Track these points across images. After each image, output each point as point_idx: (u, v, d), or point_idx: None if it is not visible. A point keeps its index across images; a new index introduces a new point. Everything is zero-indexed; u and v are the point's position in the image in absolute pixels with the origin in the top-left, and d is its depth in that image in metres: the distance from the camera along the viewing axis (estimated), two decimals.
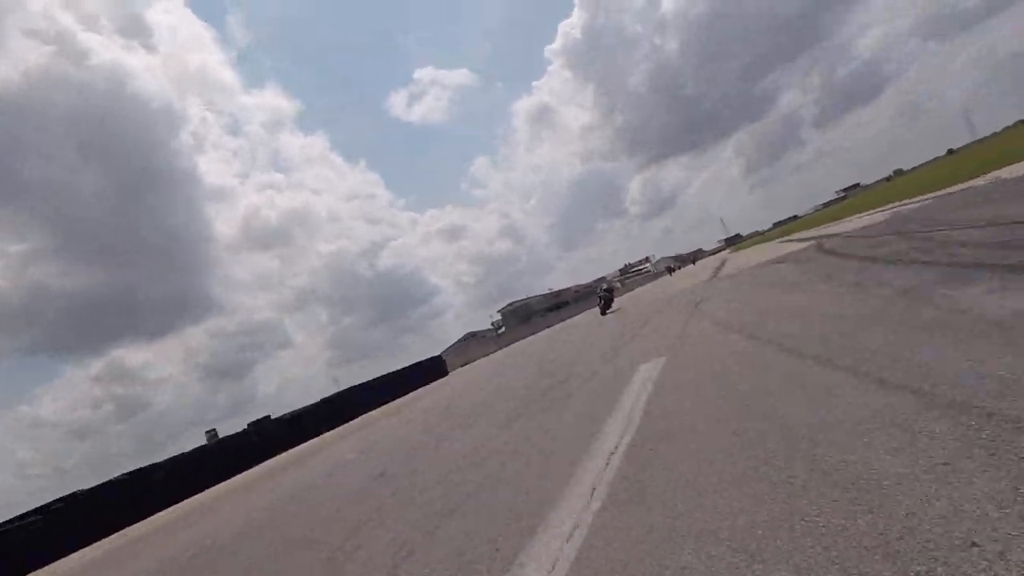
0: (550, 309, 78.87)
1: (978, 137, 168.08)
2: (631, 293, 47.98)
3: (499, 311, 77.40)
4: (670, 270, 60.21)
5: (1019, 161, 12.71)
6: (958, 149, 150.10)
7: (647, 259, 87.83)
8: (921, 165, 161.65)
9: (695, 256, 77.52)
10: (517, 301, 79.18)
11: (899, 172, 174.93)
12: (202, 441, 24.62)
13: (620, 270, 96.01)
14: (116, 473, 18.92)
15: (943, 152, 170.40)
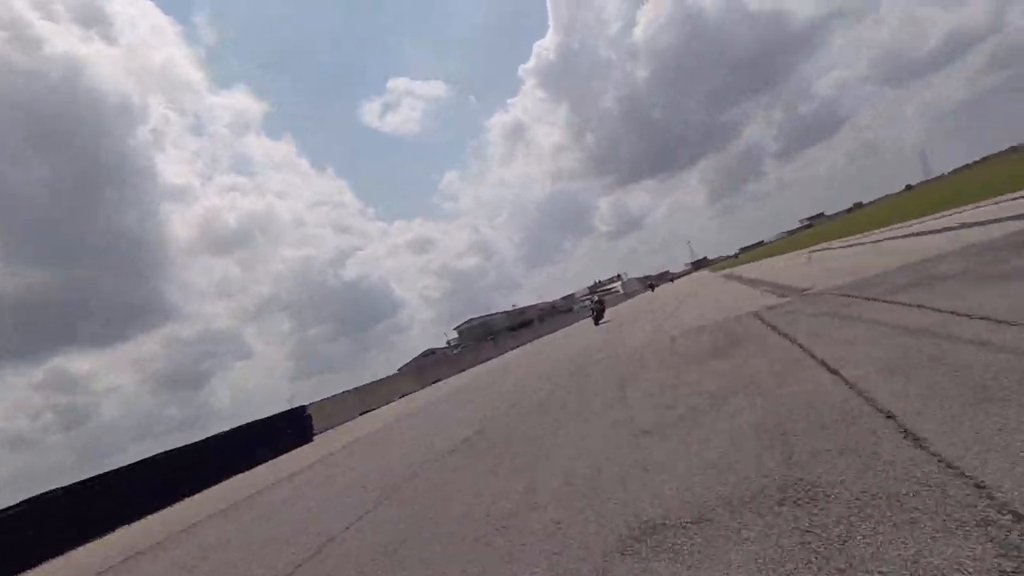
0: (513, 328, 71.61)
1: (933, 175, 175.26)
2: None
3: (456, 328, 69.46)
4: (651, 287, 60.03)
5: (972, 202, 12.59)
6: (915, 185, 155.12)
7: (618, 277, 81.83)
8: (880, 199, 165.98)
9: (652, 283, 72.77)
10: (477, 318, 71.54)
11: (859, 205, 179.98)
12: None
13: (589, 288, 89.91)
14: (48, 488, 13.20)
15: (901, 187, 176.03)
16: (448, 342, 69.06)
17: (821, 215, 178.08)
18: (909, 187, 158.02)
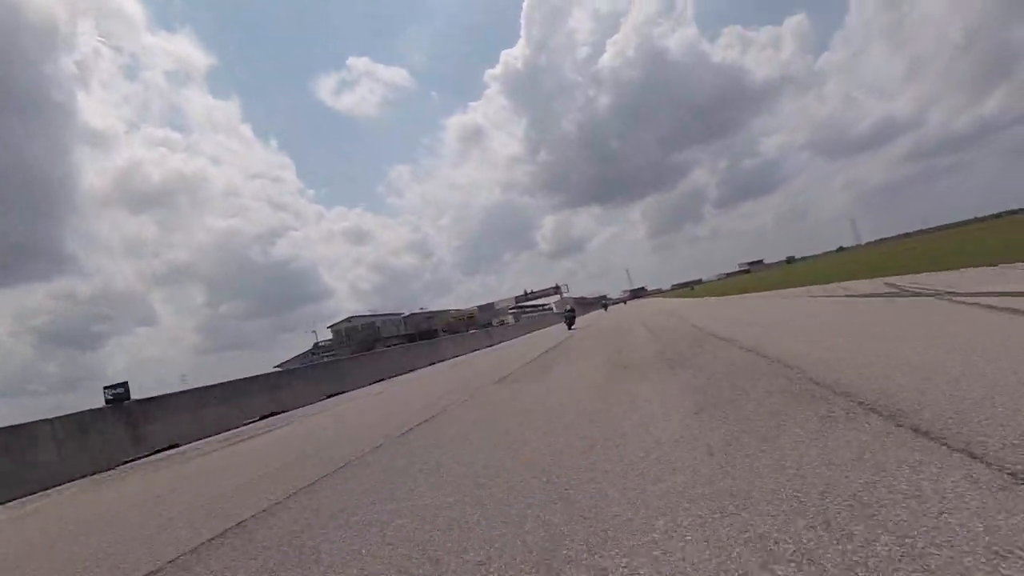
0: (406, 339, 53.49)
1: (862, 241, 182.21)
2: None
3: (332, 327, 50.14)
4: (604, 306, 46.02)
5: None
6: (848, 248, 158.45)
7: (556, 289, 66.45)
8: (814, 256, 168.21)
9: (571, 308, 59.67)
10: (360, 316, 52.78)
11: (792, 259, 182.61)
12: None
13: (517, 298, 74.36)
14: None
15: (834, 247, 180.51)
16: (316, 344, 49.43)
17: (760, 262, 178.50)
18: (842, 248, 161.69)
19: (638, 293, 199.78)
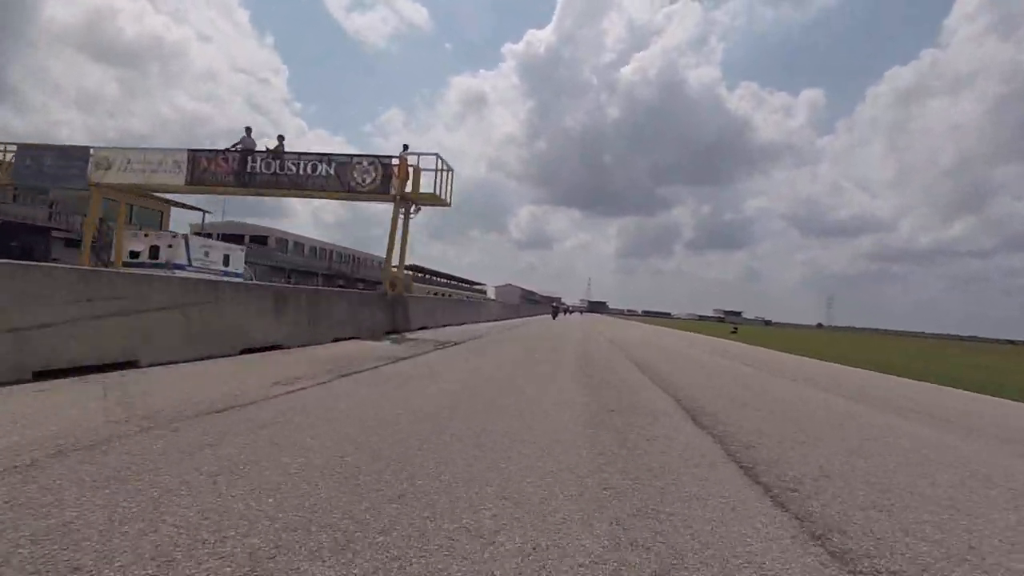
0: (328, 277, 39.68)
1: (835, 323, 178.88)
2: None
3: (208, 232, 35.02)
4: (556, 311, 40.68)
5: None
6: (826, 326, 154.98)
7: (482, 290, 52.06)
8: (789, 324, 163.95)
9: (560, 307, 52.60)
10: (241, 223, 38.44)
11: (768, 322, 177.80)
12: None
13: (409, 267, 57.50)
14: None
15: (811, 322, 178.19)
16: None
17: (739, 314, 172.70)
18: (820, 325, 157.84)
19: (597, 307, 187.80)
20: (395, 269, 12.89)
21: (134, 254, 17.54)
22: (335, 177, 12.68)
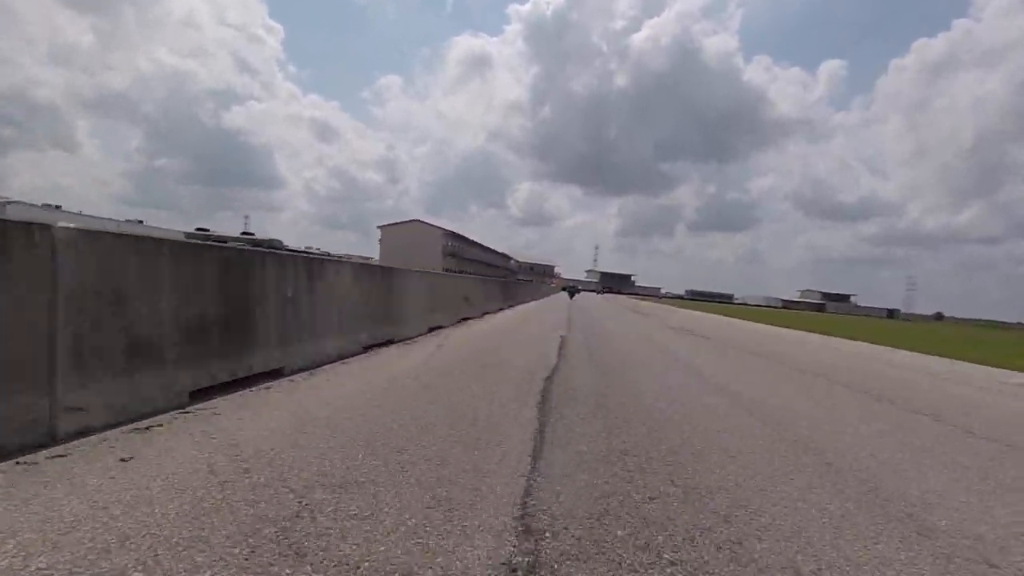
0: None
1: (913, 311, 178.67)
2: None
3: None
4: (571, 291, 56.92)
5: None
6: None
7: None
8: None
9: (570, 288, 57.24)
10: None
11: (892, 312, 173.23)
12: None
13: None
14: None
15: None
16: (243, 233, 34.90)
17: (848, 298, 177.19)
18: (891, 314, 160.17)
19: (611, 285, 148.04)
20: None
21: None
22: None
